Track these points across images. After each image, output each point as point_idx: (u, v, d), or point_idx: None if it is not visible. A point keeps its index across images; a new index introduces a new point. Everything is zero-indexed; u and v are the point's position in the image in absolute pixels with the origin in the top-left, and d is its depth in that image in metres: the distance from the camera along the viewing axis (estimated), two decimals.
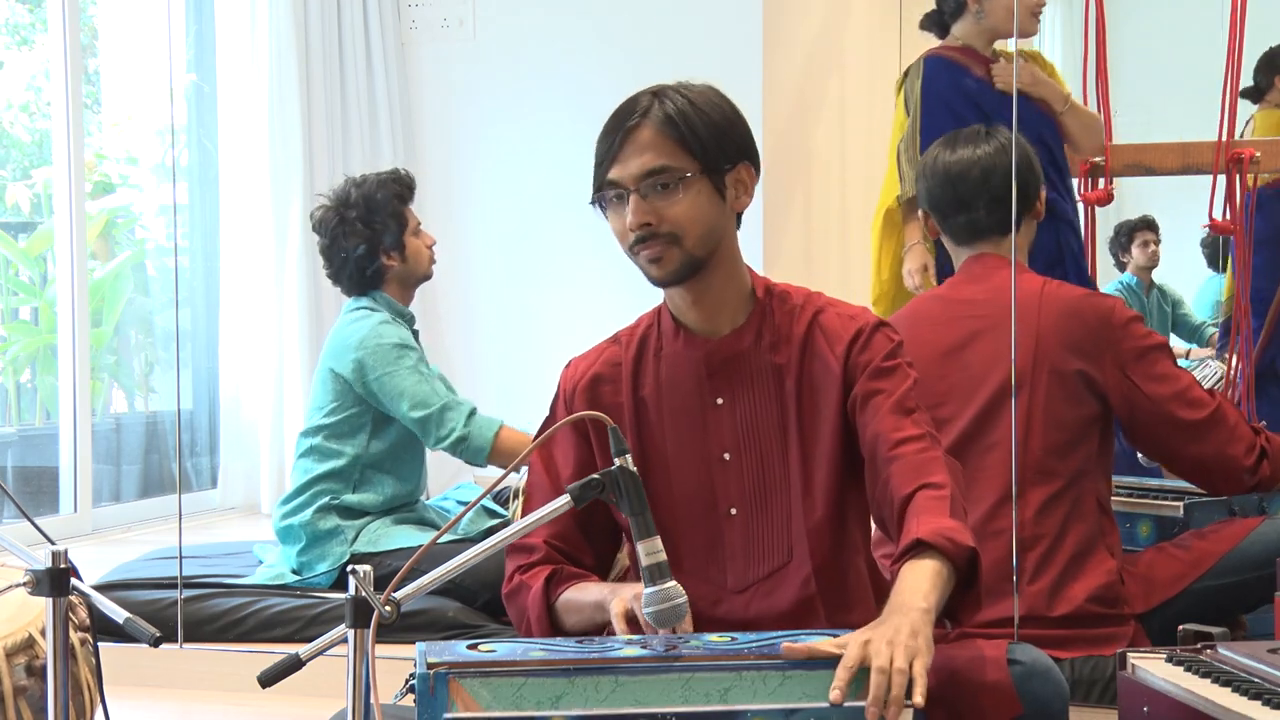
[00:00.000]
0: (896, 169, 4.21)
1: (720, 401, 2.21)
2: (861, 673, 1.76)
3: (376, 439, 3.85)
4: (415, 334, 3.93)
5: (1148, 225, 7.03)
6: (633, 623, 2.02)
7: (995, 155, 3.05)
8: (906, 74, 4.20)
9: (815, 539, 2.16)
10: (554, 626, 2.18)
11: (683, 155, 2.13)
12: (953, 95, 4.09)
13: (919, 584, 1.93)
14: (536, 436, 2.30)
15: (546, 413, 2.33)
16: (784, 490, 2.18)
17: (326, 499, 3.80)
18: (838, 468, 2.17)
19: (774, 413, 2.19)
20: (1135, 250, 7.38)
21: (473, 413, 3.79)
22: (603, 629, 2.14)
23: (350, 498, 3.81)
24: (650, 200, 2.12)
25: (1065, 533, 2.87)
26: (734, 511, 2.19)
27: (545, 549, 2.23)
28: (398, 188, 3.88)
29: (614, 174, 2.15)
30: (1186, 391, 2.92)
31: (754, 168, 2.21)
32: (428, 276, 3.98)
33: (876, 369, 2.16)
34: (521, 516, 2.28)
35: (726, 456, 2.20)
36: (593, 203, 2.20)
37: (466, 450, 3.77)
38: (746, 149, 2.20)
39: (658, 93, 2.18)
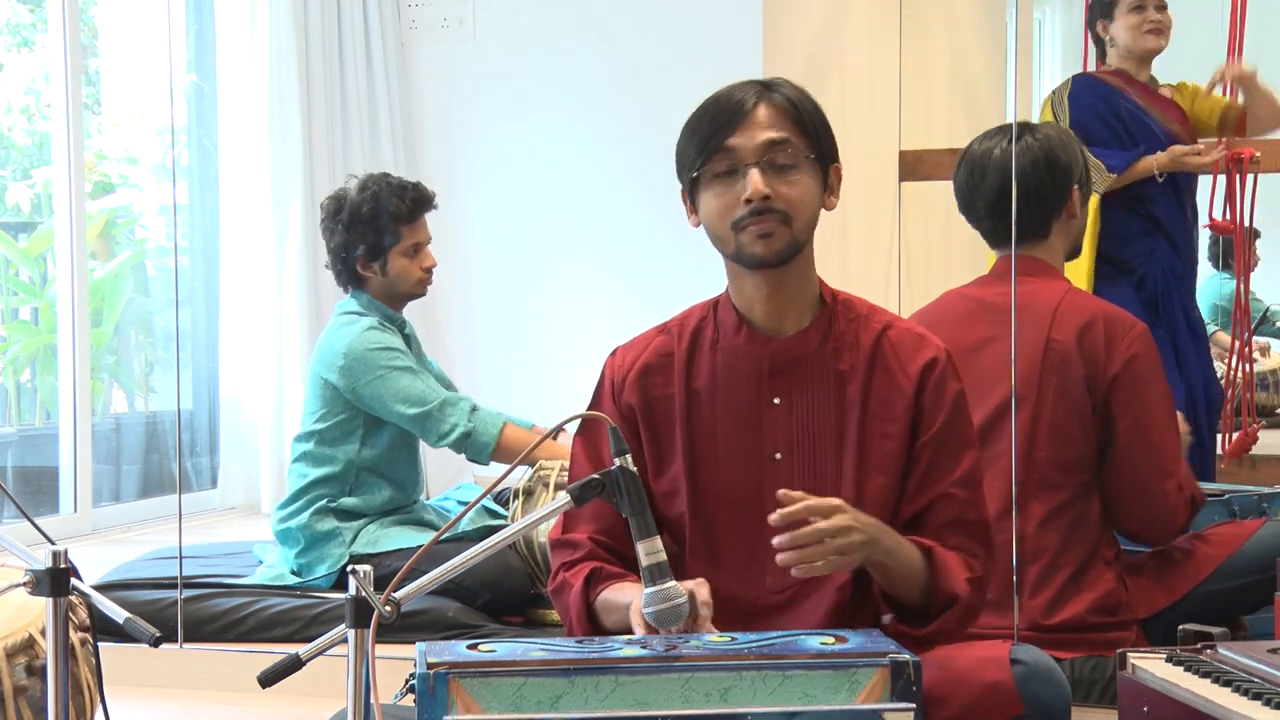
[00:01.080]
0: None
1: (778, 401, 2.19)
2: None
3: (368, 444, 3.83)
4: (408, 338, 3.90)
5: None
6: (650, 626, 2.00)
7: (1024, 154, 2.95)
8: (1051, 98, 4.40)
9: None
10: (594, 625, 2.17)
11: (801, 137, 2.14)
12: (1102, 106, 4.28)
13: (893, 545, 2.04)
14: (579, 431, 2.28)
15: (589, 403, 2.30)
16: (833, 495, 2.16)
17: (323, 502, 3.79)
18: (894, 481, 2.16)
19: (832, 418, 2.18)
20: None
21: (474, 408, 3.77)
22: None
23: (347, 501, 3.81)
24: (768, 177, 2.11)
25: (1066, 548, 2.85)
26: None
27: (589, 545, 2.21)
28: (397, 203, 3.78)
29: (735, 142, 2.12)
30: (1160, 457, 2.86)
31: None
32: (414, 296, 3.89)
33: (948, 426, 2.17)
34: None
35: (778, 456, 2.18)
36: (694, 174, 2.16)
37: (471, 446, 3.75)
38: (837, 151, 2.22)
39: (765, 84, 2.18)
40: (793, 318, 2.21)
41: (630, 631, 2.08)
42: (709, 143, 2.14)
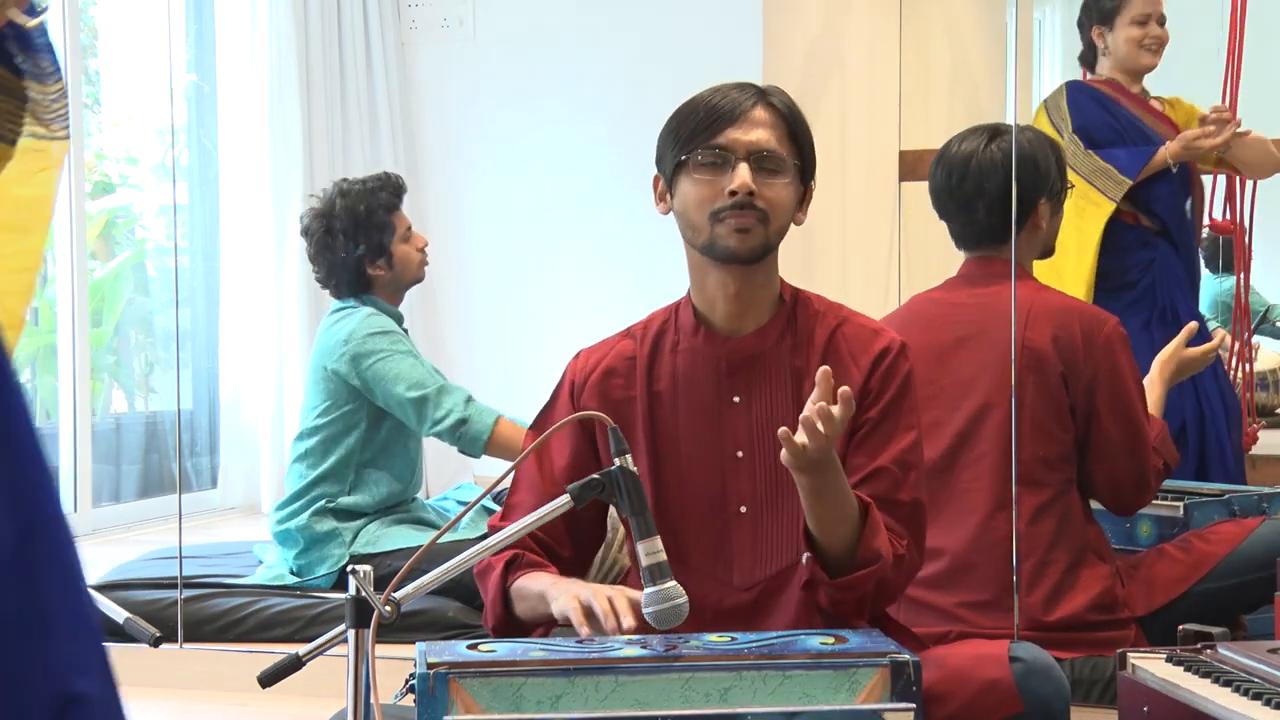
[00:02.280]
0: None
1: (737, 400, 2.21)
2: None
3: (370, 436, 3.83)
4: (405, 332, 3.92)
5: None
6: (592, 618, 1.99)
7: (997, 157, 2.96)
8: (1045, 104, 4.36)
9: None
10: (506, 611, 2.19)
11: (790, 147, 2.19)
12: (1103, 112, 4.23)
13: (835, 485, 2.03)
14: (532, 426, 2.30)
15: (546, 400, 2.32)
16: (795, 491, 2.17)
17: (322, 502, 3.79)
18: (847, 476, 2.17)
19: (791, 414, 2.18)
20: None
21: (470, 398, 3.78)
22: (548, 620, 2.13)
23: (346, 500, 3.81)
24: (755, 175, 2.14)
25: (1057, 543, 2.85)
26: (744, 510, 2.18)
27: (523, 537, 2.22)
28: (385, 196, 3.82)
29: (730, 135, 2.15)
30: (1141, 445, 2.89)
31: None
32: (419, 280, 3.94)
33: (891, 405, 2.18)
34: (507, 499, 2.28)
35: (740, 454, 2.20)
36: (682, 158, 2.18)
37: (465, 436, 3.74)
38: (815, 171, 2.25)
39: (763, 89, 2.22)
40: (752, 317, 2.23)
41: (540, 621, 2.13)
42: (703, 132, 2.16)
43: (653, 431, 2.22)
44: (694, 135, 2.17)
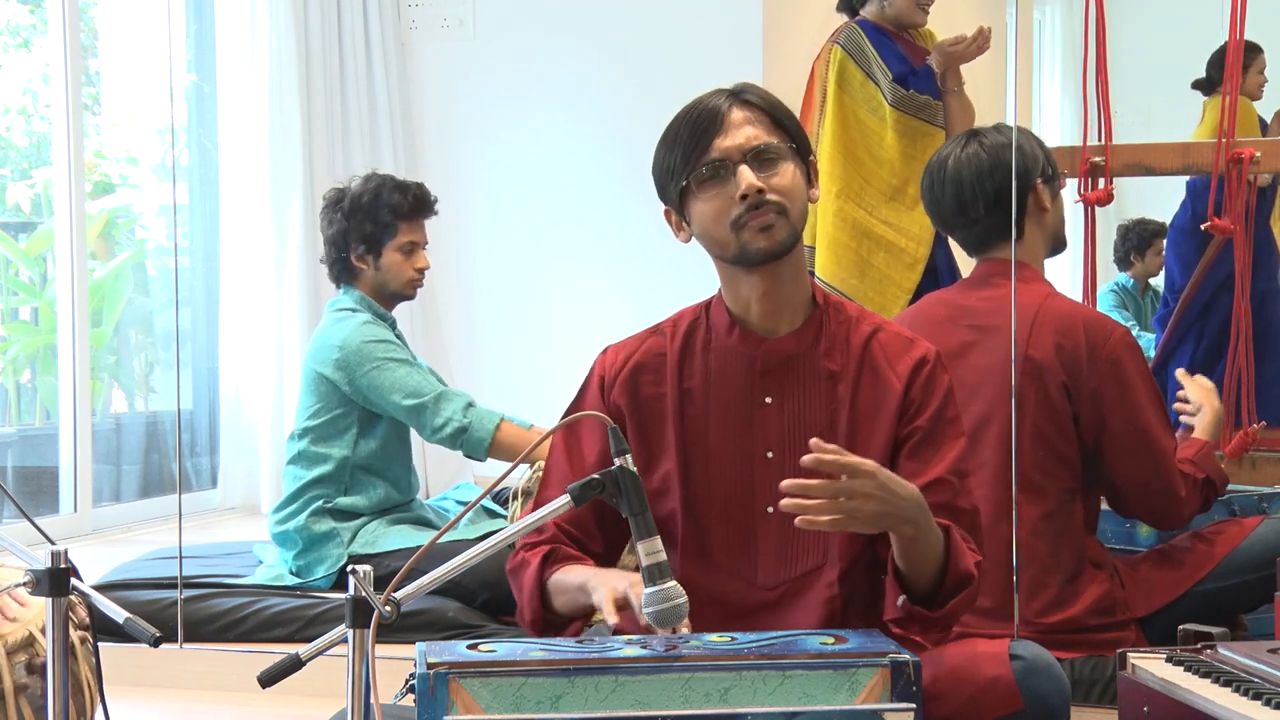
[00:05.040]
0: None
1: (769, 400, 2.21)
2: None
3: (364, 440, 3.83)
4: (400, 336, 3.91)
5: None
6: (624, 609, 2.01)
7: (971, 163, 2.94)
8: (844, 49, 4.42)
9: (847, 544, 2.16)
10: (544, 605, 2.19)
11: (779, 133, 2.18)
12: (899, 60, 4.38)
13: (924, 523, 2.02)
14: (562, 421, 2.29)
15: (574, 397, 2.31)
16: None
17: (319, 503, 3.79)
18: None
19: (823, 416, 2.19)
20: (1150, 256, 7.25)
21: (470, 404, 3.77)
22: (588, 611, 2.15)
23: (343, 500, 3.80)
24: (756, 172, 2.14)
25: (1056, 554, 2.85)
26: (771, 510, 2.17)
27: (554, 530, 2.23)
28: (398, 198, 3.81)
29: (720, 144, 2.15)
30: (1157, 457, 2.86)
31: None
32: (406, 297, 3.91)
33: (939, 415, 2.19)
34: (538, 493, 2.28)
35: (770, 455, 2.20)
36: (684, 183, 2.18)
37: (467, 442, 3.74)
38: (810, 146, 2.26)
39: (733, 90, 2.21)
40: (786, 318, 2.22)
41: (580, 612, 2.14)
42: (693, 150, 2.16)
43: (683, 429, 2.22)
44: (687, 157, 2.17)
